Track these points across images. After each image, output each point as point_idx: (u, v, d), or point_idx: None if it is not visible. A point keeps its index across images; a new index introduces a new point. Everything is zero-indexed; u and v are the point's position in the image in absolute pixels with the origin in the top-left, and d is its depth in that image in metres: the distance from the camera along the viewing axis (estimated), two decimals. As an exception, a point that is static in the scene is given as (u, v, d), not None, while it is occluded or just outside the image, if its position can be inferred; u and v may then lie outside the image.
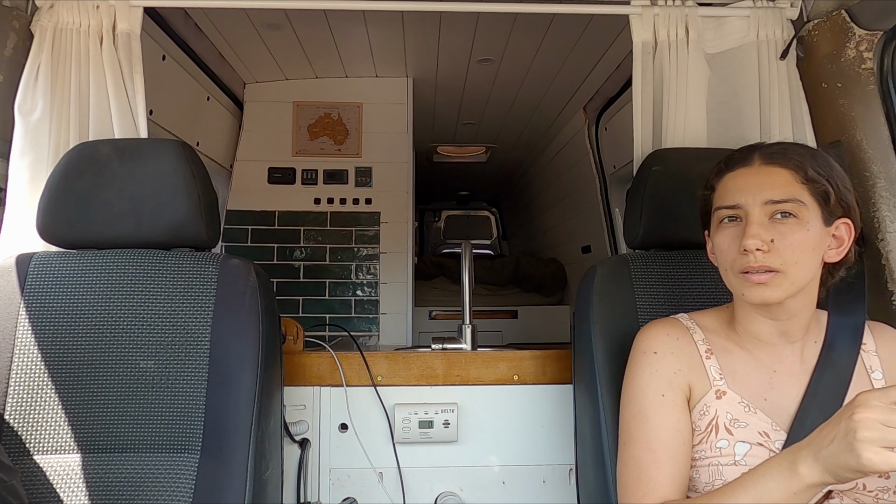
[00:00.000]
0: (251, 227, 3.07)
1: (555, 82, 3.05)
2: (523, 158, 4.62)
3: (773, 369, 0.96)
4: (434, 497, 1.42)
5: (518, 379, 1.44)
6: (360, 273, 3.08)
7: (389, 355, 1.44)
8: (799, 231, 0.89)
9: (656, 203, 1.23)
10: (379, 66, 2.99)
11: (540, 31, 2.48)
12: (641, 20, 1.57)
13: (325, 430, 1.42)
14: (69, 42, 1.43)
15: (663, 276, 1.19)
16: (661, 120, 1.53)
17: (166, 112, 2.32)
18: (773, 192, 0.90)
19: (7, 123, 1.40)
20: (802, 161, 0.92)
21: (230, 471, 1.04)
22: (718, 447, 0.92)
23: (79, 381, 1.08)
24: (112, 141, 1.22)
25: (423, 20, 2.44)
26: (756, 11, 1.55)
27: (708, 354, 0.99)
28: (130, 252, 1.16)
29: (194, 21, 2.38)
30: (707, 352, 0.99)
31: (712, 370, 0.97)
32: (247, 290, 1.13)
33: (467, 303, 1.59)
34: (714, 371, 0.97)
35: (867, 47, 1.37)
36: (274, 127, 3.12)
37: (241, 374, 1.08)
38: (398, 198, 3.12)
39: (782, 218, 0.90)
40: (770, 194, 0.90)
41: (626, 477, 0.94)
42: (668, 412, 0.94)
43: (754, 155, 0.95)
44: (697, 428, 0.95)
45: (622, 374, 1.03)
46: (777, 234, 0.89)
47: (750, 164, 0.95)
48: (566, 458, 1.43)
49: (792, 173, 0.91)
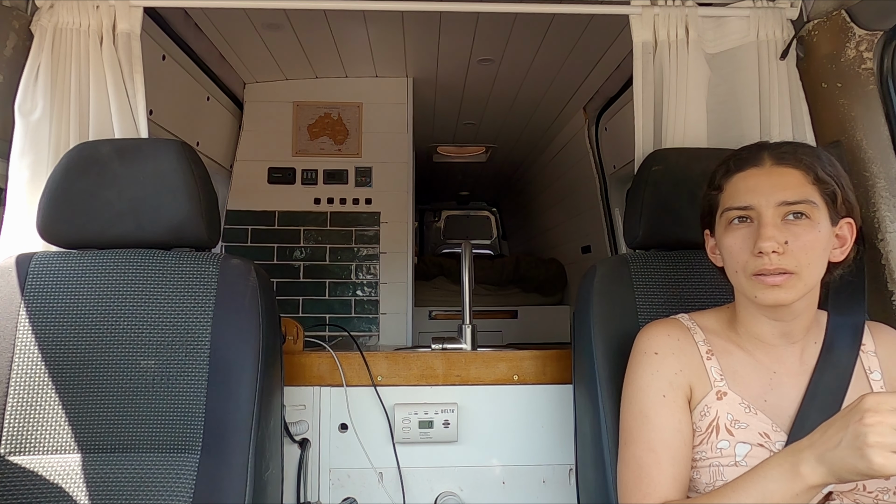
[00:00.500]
0: (251, 227, 3.07)
1: (555, 82, 3.05)
2: (523, 158, 4.62)
3: (774, 370, 0.96)
4: (434, 497, 1.42)
5: (518, 379, 1.44)
6: (360, 273, 3.08)
7: (389, 355, 1.44)
8: (811, 232, 0.89)
9: (656, 203, 1.23)
10: (379, 66, 2.99)
11: (540, 31, 2.48)
12: (641, 20, 1.57)
13: (325, 430, 1.42)
14: (69, 42, 1.43)
15: (663, 276, 1.19)
16: (661, 120, 1.53)
17: (166, 112, 2.32)
18: (787, 193, 0.89)
19: (7, 123, 1.40)
20: (812, 161, 0.92)
21: (230, 471, 1.04)
22: (719, 448, 0.92)
23: (79, 381, 1.08)
24: (112, 141, 1.22)
25: (423, 20, 2.44)
26: (756, 11, 1.55)
27: (709, 355, 0.98)
28: (130, 252, 1.16)
29: (194, 21, 2.38)
30: (708, 352, 0.99)
31: (713, 371, 0.97)
32: (247, 290, 1.13)
33: (467, 303, 1.59)
34: (715, 372, 0.97)
35: (867, 47, 1.37)
36: (274, 127, 3.12)
37: (241, 374, 1.08)
38: (398, 198, 3.12)
39: (795, 219, 0.89)
40: (783, 195, 0.89)
41: (627, 477, 0.94)
42: (670, 413, 0.94)
43: (763, 154, 0.94)
44: (698, 429, 0.95)
45: (622, 375, 1.03)
46: (791, 236, 0.88)
47: (761, 164, 0.93)
48: (566, 458, 1.43)
49: (803, 174, 0.91)
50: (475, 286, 2.48)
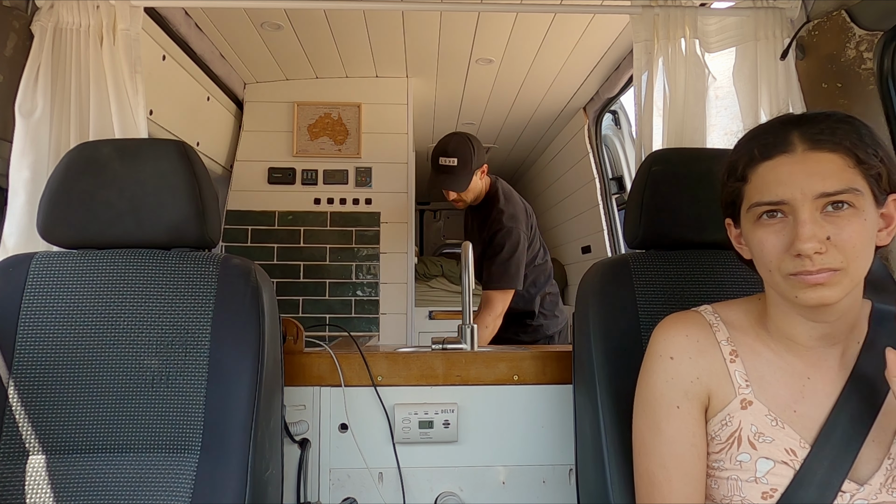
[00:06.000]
0: (251, 227, 3.07)
1: (555, 82, 3.05)
2: (523, 158, 4.62)
3: (807, 376, 0.85)
4: (434, 497, 1.42)
5: (518, 379, 1.44)
6: (360, 273, 3.08)
7: (389, 355, 1.44)
8: (856, 222, 0.76)
9: (656, 203, 1.23)
10: (379, 66, 2.99)
11: (540, 31, 2.48)
12: (641, 20, 1.57)
13: (325, 430, 1.42)
14: (69, 42, 1.43)
15: (663, 276, 1.19)
16: (661, 120, 1.53)
17: (166, 112, 2.32)
18: (826, 183, 0.76)
19: (7, 123, 1.40)
20: (854, 141, 0.78)
21: (230, 471, 1.04)
22: (739, 460, 0.84)
23: (79, 381, 1.08)
24: (112, 141, 1.22)
25: (423, 20, 2.44)
26: (756, 11, 1.55)
27: (732, 357, 0.88)
28: (131, 252, 1.16)
29: (194, 21, 2.38)
30: (732, 353, 0.89)
31: (737, 376, 0.87)
32: (247, 291, 1.12)
33: (467, 303, 1.59)
34: (739, 377, 0.87)
35: (867, 47, 1.37)
36: (274, 127, 3.12)
37: (241, 374, 1.08)
38: (398, 198, 3.12)
39: (836, 210, 0.76)
40: (822, 186, 0.76)
41: (641, 489, 0.90)
42: (683, 425, 0.87)
43: (793, 137, 0.80)
44: (717, 438, 0.87)
45: (622, 375, 1.03)
46: (833, 230, 0.76)
47: (791, 150, 0.79)
48: (566, 458, 1.43)
49: (842, 157, 0.77)
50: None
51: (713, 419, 0.88)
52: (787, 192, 0.78)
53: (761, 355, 0.88)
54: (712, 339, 0.90)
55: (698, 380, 0.88)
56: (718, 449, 0.87)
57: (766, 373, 0.87)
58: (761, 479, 0.82)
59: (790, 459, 0.82)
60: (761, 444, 0.83)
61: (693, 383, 0.88)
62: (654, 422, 0.89)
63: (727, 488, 0.85)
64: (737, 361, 0.88)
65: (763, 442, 0.83)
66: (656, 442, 0.88)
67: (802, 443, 0.82)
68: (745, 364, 0.88)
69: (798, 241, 0.76)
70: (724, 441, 0.86)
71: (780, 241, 0.79)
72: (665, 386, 0.89)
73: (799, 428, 0.83)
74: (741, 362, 0.88)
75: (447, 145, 2.29)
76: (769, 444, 0.83)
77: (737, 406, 0.86)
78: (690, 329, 0.91)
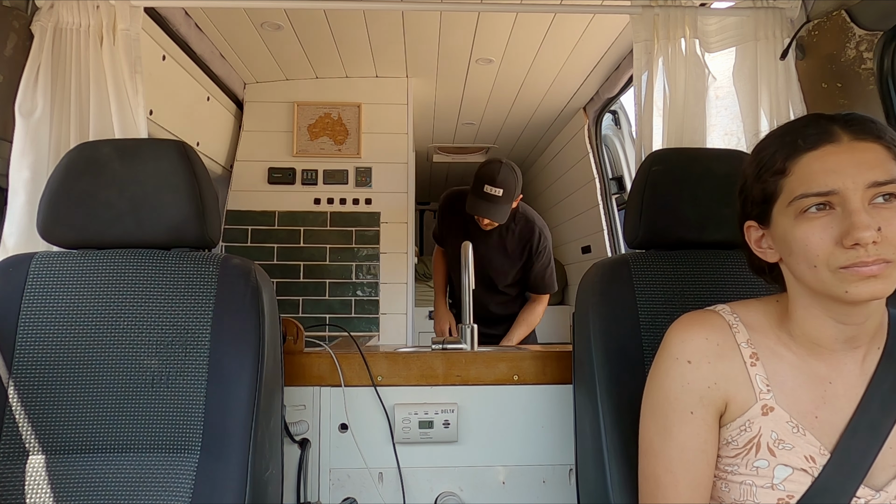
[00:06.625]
0: (251, 227, 3.07)
1: (555, 82, 3.05)
2: (523, 158, 4.62)
3: (829, 381, 0.84)
4: (434, 497, 1.42)
5: (518, 379, 1.44)
6: (360, 273, 3.09)
7: (389, 355, 1.44)
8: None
9: (656, 203, 1.23)
10: (379, 66, 2.99)
11: (540, 31, 2.48)
12: (641, 20, 1.57)
13: (325, 430, 1.42)
14: (69, 42, 1.43)
15: (663, 276, 1.19)
16: (661, 120, 1.53)
17: (166, 112, 2.32)
18: (876, 173, 0.75)
19: (7, 123, 1.40)
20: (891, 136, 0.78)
21: (230, 471, 1.04)
22: (756, 466, 0.82)
23: (79, 381, 1.08)
24: (112, 141, 1.22)
25: (423, 20, 2.44)
26: (756, 11, 1.55)
27: (753, 360, 0.86)
28: (131, 252, 1.16)
29: (194, 21, 2.38)
30: (752, 357, 0.86)
31: (758, 380, 0.85)
32: (247, 291, 1.12)
33: (467, 303, 1.59)
34: (760, 381, 0.84)
35: (867, 47, 1.37)
36: (274, 127, 3.12)
37: (240, 374, 1.08)
38: (398, 198, 3.13)
39: (885, 202, 0.76)
40: (872, 175, 0.75)
41: (645, 491, 0.88)
42: (695, 431, 0.84)
43: (835, 129, 0.79)
44: (734, 443, 0.85)
45: (622, 375, 1.02)
46: (882, 221, 0.74)
47: (837, 140, 0.78)
48: (566, 458, 1.43)
49: (885, 149, 0.77)
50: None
51: (731, 424, 0.85)
52: (839, 182, 0.76)
53: (783, 358, 0.85)
54: (732, 342, 0.87)
55: (716, 385, 0.85)
56: (734, 454, 0.84)
57: (787, 377, 0.85)
58: (778, 486, 0.81)
59: (809, 467, 0.80)
60: (781, 451, 0.81)
61: (710, 389, 0.85)
62: (664, 425, 0.86)
63: (739, 493, 0.83)
64: (757, 365, 0.85)
65: (783, 449, 0.81)
66: (665, 446, 0.86)
67: (822, 450, 0.81)
68: (766, 368, 0.85)
69: (854, 230, 0.73)
70: (741, 447, 0.84)
71: (828, 234, 0.76)
72: (680, 390, 0.85)
73: (819, 434, 0.81)
74: (761, 366, 0.85)
75: (495, 174, 2.21)
76: (789, 451, 0.81)
77: (757, 412, 0.84)
78: (710, 332, 0.87)
